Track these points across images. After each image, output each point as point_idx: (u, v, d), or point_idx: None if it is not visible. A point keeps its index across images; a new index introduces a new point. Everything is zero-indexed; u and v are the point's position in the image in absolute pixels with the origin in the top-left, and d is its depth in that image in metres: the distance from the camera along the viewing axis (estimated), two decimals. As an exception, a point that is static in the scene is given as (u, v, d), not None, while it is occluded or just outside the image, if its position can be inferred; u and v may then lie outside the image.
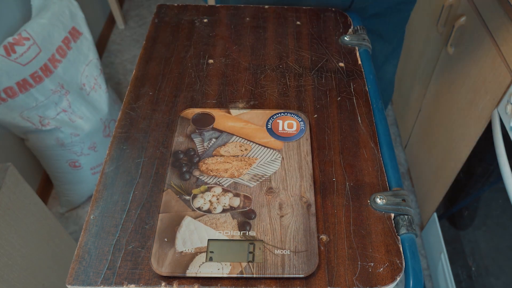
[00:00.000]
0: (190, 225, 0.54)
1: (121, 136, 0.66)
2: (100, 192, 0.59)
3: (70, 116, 1.58)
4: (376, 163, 0.62)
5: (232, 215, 0.55)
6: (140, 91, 0.72)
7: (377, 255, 0.53)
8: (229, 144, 0.64)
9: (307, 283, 0.50)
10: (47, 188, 1.87)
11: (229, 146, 0.63)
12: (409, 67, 1.79)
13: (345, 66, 0.76)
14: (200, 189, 0.58)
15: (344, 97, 0.71)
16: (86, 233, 0.55)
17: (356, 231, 0.55)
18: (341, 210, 0.57)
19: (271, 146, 0.63)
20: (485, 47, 1.14)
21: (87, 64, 1.65)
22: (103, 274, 0.51)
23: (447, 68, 1.40)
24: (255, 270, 0.51)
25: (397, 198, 0.58)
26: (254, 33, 0.83)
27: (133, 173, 0.61)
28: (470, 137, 1.23)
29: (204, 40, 0.81)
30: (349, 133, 0.66)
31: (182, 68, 0.76)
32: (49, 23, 1.49)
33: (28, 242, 1.05)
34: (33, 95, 1.46)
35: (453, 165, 1.36)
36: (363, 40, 0.81)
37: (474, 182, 1.24)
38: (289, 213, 0.56)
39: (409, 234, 0.55)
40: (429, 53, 1.56)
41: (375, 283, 0.50)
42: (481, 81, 1.16)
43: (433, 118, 1.53)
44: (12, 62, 1.37)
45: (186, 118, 0.67)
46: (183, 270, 0.51)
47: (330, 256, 0.53)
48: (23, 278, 1.02)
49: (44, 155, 1.63)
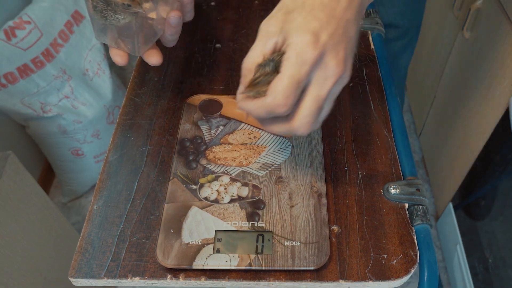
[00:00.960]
0: (197, 216, 0.53)
1: (126, 123, 0.65)
2: (103, 181, 0.58)
3: (72, 103, 1.57)
4: (389, 151, 0.61)
5: (240, 205, 0.54)
6: (145, 77, 0.71)
7: (391, 247, 0.51)
8: (237, 132, 0.62)
9: (318, 276, 0.49)
10: (49, 177, 1.86)
11: (237, 133, 0.62)
12: (423, 52, 1.76)
13: (358, 50, 0.74)
14: (207, 178, 0.57)
15: (356, 83, 0.69)
16: (89, 224, 0.54)
17: (369, 221, 0.54)
18: (353, 200, 0.56)
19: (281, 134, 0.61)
20: (503, 31, 1.11)
21: (90, 49, 1.63)
22: (107, 267, 0.50)
23: (463, 53, 1.37)
24: (264, 262, 0.49)
25: (411, 188, 0.56)
26: (263, 17, 0.80)
27: (138, 162, 0.60)
28: (487, 125, 1.21)
29: (212, 24, 0.80)
30: (362, 120, 0.65)
31: (189, 53, 0.75)
32: (51, 6, 1.47)
33: (29, 233, 1.05)
34: (34, 80, 1.44)
35: (469, 154, 1.33)
36: (376, 24, 0.78)
37: (491, 171, 1.21)
38: (299, 203, 0.54)
39: (424, 225, 0.53)
40: (444, 37, 1.53)
41: (388, 275, 0.49)
42: (498, 67, 1.14)
43: (449, 105, 1.50)
44: (13, 47, 1.35)
45: (192, 105, 0.66)
46: (189, 262, 0.50)
47: (341, 248, 0.52)
48: (24, 270, 1.02)
49: (46, 143, 1.63)
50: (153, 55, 0.59)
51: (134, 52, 0.58)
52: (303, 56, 0.41)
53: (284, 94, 0.41)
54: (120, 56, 0.58)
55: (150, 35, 0.58)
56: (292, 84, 0.41)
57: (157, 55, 0.59)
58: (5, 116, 1.55)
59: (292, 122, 0.44)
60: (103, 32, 0.57)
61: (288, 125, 0.44)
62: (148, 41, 0.58)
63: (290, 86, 0.41)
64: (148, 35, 0.58)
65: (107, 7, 0.53)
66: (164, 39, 0.60)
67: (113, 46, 0.58)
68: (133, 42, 0.57)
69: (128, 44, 0.58)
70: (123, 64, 0.58)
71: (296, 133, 0.45)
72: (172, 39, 0.60)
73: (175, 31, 0.58)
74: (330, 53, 0.42)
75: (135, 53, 0.59)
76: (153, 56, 0.59)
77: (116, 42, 0.58)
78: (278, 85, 0.42)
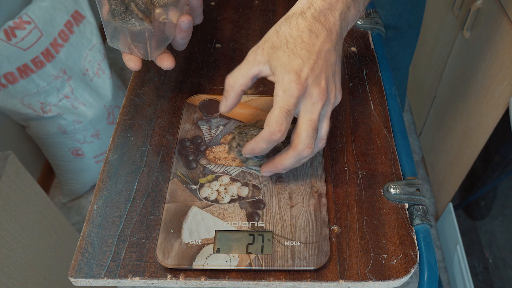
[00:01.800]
0: (197, 216, 0.53)
1: (126, 123, 0.65)
2: (103, 181, 0.58)
3: (72, 103, 1.57)
4: (389, 151, 0.61)
5: (240, 205, 0.54)
6: (145, 77, 0.71)
7: (391, 247, 0.51)
8: (237, 132, 0.62)
9: (318, 276, 0.49)
10: (49, 177, 1.86)
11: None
12: (423, 52, 1.76)
13: (358, 50, 0.74)
14: (207, 178, 0.57)
15: (356, 83, 0.69)
16: (89, 224, 0.54)
17: (369, 221, 0.54)
18: (353, 200, 0.56)
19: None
20: (502, 31, 1.11)
21: (90, 49, 1.63)
22: (107, 266, 0.50)
23: (463, 53, 1.37)
24: (264, 262, 0.49)
25: (411, 188, 0.56)
26: (263, 17, 0.81)
27: (138, 162, 0.60)
28: (487, 125, 1.21)
29: (212, 24, 0.80)
30: (362, 120, 0.64)
31: (189, 53, 0.75)
32: (51, 6, 1.47)
33: (29, 233, 1.05)
34: (34, 80, 1.44)
35: (469, 154, 1.33)
36: (376, 24, 0.78)
37: (491, 171, 1.21)
38: (299, 203, 0.54)
39: (424, 225, 0.53)
40: (444, 37, 1.53)
41: (388, 275, 0.49)
42: (498, 67, 1.14)
43: (449, 105, 1.50)
44: (13, 47, 1.35)
45: (192, 105, 0.65)
46: (189, 262, 0.49)
47: (341, 248, 0.51)
48: (24, 270, 1.02)
49: (46, 143, 1.62)
50: (165, 59, 0.60)
51: (147, 57, 0.59)
52: (289, 92, 0.47)
53: (277, 122, 0.47)
54: (134, 61, 0.59)
55: (161, 40, 0.58)
56: (282, 114, 0.47)
57: (169, 59, 0.60)
58: (5, 116, 1.55)
59: (296, 148, 0.49)
60: (116, 38, 0.58)
61: (294, 152, 0.50)
62: (160, 45, 0.59)
63: (281, 115, 0.47)
64: (160, 40, 0.58)
65: (126, 11, 0.54)
66: (175, 43, 0.61)
67: (126, 51, 0.59)
68: (145, 47, 0.58)
69: (141, 49, 0.58)
70: (137, 69, 0.60)
71: (303, 157, 0.50)
72: (183, 42, 0.61)
73: (186, 35, 0.60)
74: (312, 85, 0.48)
75: (147, 58, 0.59)
76: (165, 60, 0.60)
77: (129, 47, 0.59)
78: (271, 117, 0.48)
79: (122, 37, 0.58)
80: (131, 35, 0.57)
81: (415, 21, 1.02)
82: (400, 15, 0.98)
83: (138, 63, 0.59)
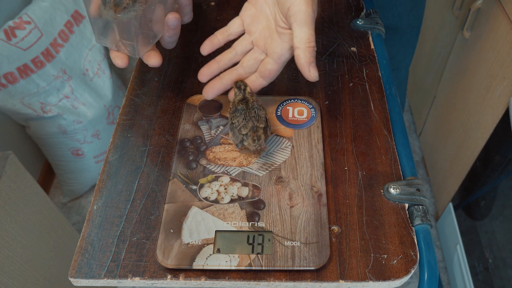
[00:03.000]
0: (197, 216, 0.53)
1: (126, 124, 0.65)
2: (103, 181, 0.58)
3: (72, 103, 1.57)
4: (389, 152, 0.60)
5: (240, 206, 0.54)
6: (145, 77, 0.71)
7: (391, 247, 0.51)
8: (237, 132, 0.62)
9: (318, 276, 0.49)
10: (49, 177, 1.86)
11: (237, 133, 0.62)
12: (423, 52, 1.76)
13: (358, 50, 0.74)
14: (207, 178, 0.57)
15: (356, 83, 0.69)
16: (89, 224, 0.54)
17: (369, 221, 0.53)
18: (353, 200, 0.56)
19: (281, 134, 0.61)
20: (502, 31, 1.11)
21: (90, 49, 1.63)
22: (107, 267, 0.50)
23: (463, 53, 1.37)
24: (264, 263, 0.49)
25: (411, 188, 0.56)
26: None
27: (138, 162, 0.60)
28: (487, 125, 1.21)
29: (212, 24, 0.79)
30: (362, 120, 0.64)
31: (189, 53, 0.75)
32: (51, 6, 1.46)
33: (29, 233, 1.05)
34: (34, 80, 1.44)
35: (469, 154, 1.33)
36: (376, 24, 0.78)
37: (491, 171, 1.21)
38: (299, 203, 0.54)
39: (424, 225, 0.53)
40: (444, 37, 1.53)
41: (388, 275, 0.49)
42: (498, 67, 1.14)
43: (449, 105, 1.50)
44: (13, 47, 1.35)
45: (192, 105, 0.65)
46: (189, 262, 0.49)
47: (342, 248, 0.51)
48: (24, 270, 1.02)
49: (46, 143, 1.62)
50: (152, 57, 0.60)
51: (134, 54, 0.59)
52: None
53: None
54: (121, 58, 0.59)
55: (149, 37, 0.58)
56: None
57: (156, 57, 0.60)
58: (5, 116, 1.55)
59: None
60: (104, 35, 0.58)
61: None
62: (147, 43, 0.59)
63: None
64: (148, 37, 0.58)
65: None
66: (163, 41, 0.61)
67: (114, 48, 0.59)
68: (132, 44, 0.57)
69: (128, 46, 0.58)
70: (123, 66, 0.59)
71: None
72: (171, 41, 0.61)
73: (174, 33, 0.59)
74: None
75: (135, 55, 0.59)
76: (152, 57, 0.60)
77: (117, 44, 0.58)
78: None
79: (110, 34, 0.58)
80: (119, 31, 0.57)
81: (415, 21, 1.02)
82: (400, 15, 0.98)
83: (125, 60, 0.59)
